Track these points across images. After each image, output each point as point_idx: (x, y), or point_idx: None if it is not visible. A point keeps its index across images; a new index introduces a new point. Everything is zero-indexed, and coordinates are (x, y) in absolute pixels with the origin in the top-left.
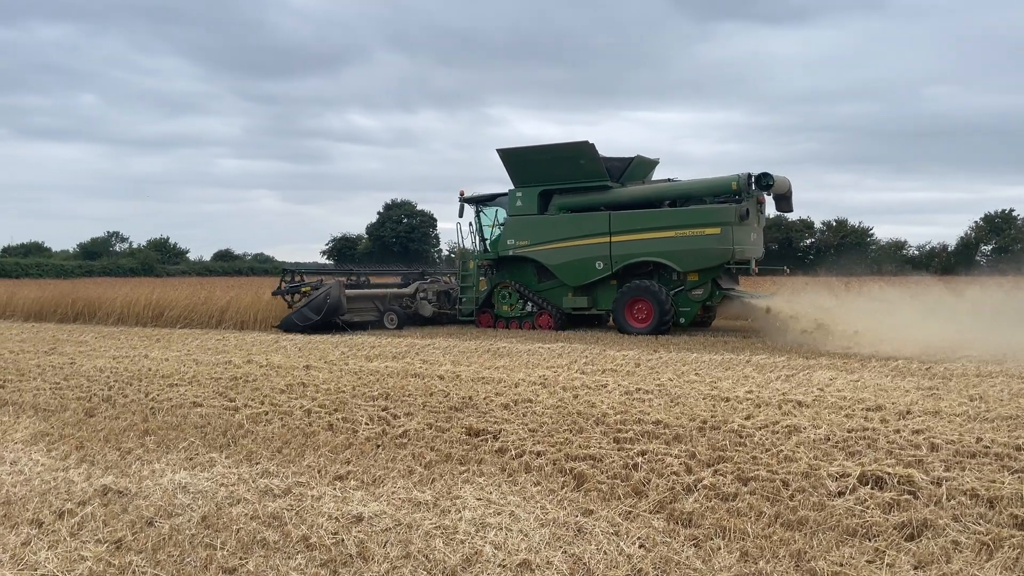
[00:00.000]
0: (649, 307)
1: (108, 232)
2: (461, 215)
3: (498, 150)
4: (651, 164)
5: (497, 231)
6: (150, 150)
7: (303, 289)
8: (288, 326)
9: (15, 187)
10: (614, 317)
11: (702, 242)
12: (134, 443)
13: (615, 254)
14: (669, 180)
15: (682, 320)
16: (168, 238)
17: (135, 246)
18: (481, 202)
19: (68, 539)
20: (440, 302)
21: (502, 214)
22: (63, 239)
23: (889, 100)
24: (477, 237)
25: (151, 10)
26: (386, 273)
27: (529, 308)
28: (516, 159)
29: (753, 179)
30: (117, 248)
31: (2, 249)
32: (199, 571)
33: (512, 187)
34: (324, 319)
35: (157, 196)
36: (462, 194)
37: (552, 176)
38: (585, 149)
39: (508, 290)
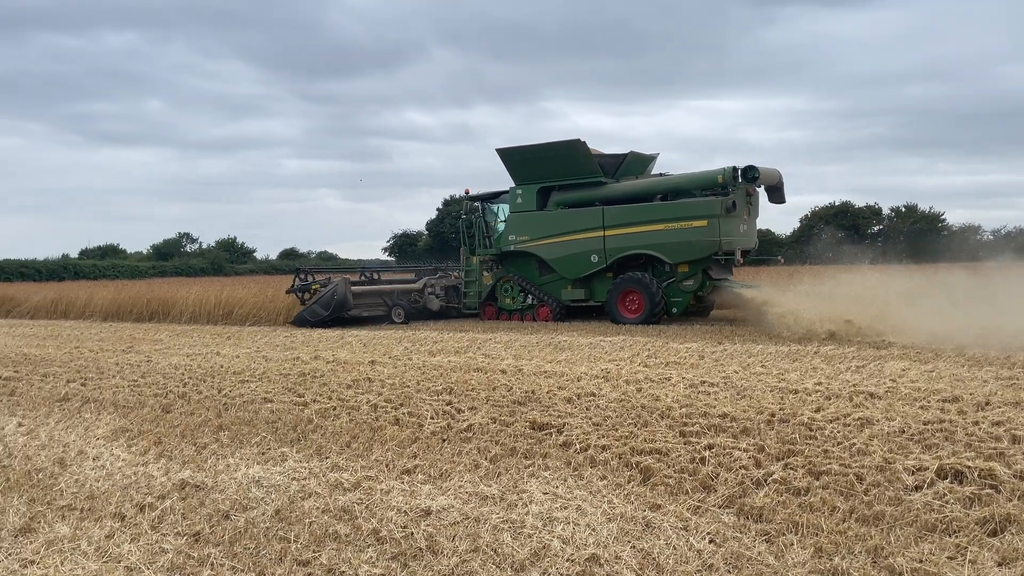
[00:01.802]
0: (640, 298)
1: (179, 233)
2: (465, 213)
3: (497, 149)
4: (647, 159)
5: (502, 227)
6: (216, 152)
7: (313, 287)
8: (300, 322)
9: (90, 192)
10: (607, 308)
11: (690, 234)
12: (209, 438)
13: (609, 247)
14: (661, 175)
15: (674, 310)
16: (236, 238)
17: (205, 246)
18: (486, 200)
19: (149, 532)
20: (448, 296)
21: (505, 211)
22: (137, 241)
23: (959, 80)
24: (483, 233)
25: (213, 15)
26: (404, 270)
27: (530, 301)
28: (515, 158)
29: (739, 172)
30: (188, 249)
31: (80, 252)
32: (274, 564)
33: (513, 185)
34: (332, 315)
35: (224, 198)
36: (467, 192)
37: (549, 173)
38: (577, 146)
39: (510, 284)
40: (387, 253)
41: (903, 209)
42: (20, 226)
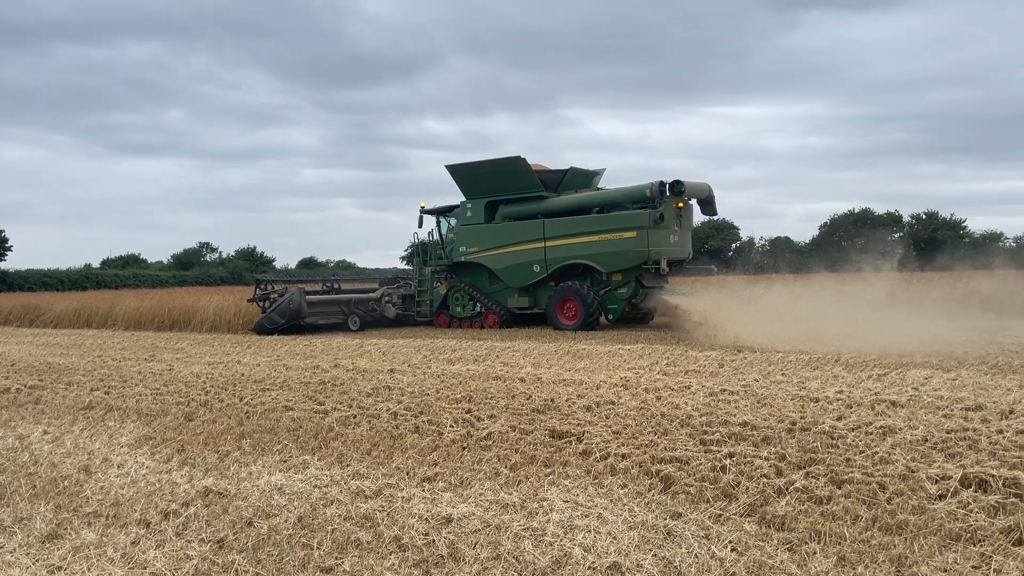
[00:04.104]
0: (576, 305)
1: (199, 243)
2: (420, 225)
3: (447, 166)
4: (591, 174)
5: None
6: (236, 162)
7: (271, 296)
8: (260, 329)
9: (112, 202)
10: (547, 314)
11: (621, 245)
12: (231, 446)
13: (549, 257)
14: (599, 189)
15: (610, 317)
16: (255, 247)
17: (225, 256)
18: (441, 213)
19: (174, 539)
20: (406, 305)
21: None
22: (158, 250)
23: (984, 85)
24: (437, 245)
25: (234, 25)
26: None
27: (478, 309)
28: (463, 173)
29: (667, 186)
30: (208, 258)
31: (102, 262)
32: (297, 570)
33: (464, 199)
34: (288, 322)
35: (243, 207)
36: (423, 207)
37: (494, 188)
38: (517, 163)
39: (461, 293)
40: (405, 262)
41: (923, 216)
42: (43, 236)
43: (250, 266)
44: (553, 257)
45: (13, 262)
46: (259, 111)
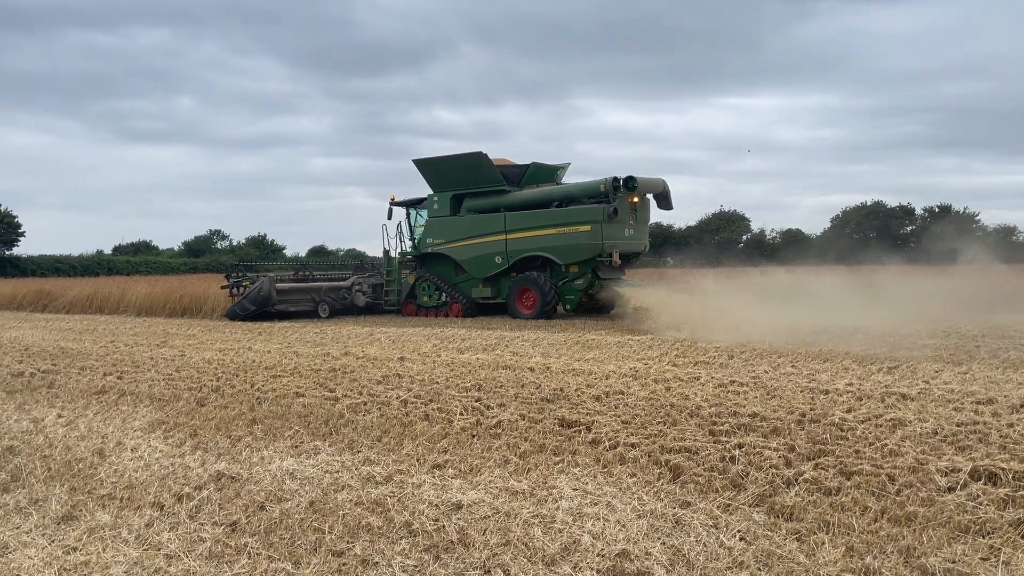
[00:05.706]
0: (534, 295)
1: (210, 230)
2: (389, 217)
3: (414, 160)
4: (554, 169)
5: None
6: (246, 150)
7: (243, 284)
8: (232, 316)
9: (123, 189)
10: (507, 304)
11: (576, 238)
12: (243, 431)
13: (510, 250)
14: (560, 184)
15: (567, 307)
16: (265, 235)
17: (235, 243)
18: (410, 205)
19: (187, 521)
20: (376, 294)
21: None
22: (169, 237)
23: (999, 77)
24: (407, 236)
25: (244, 12)
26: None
27: (444, 298)
28: (429, 168)
29: (621, 181)
30: (219, 245)
31: (113, 248)
32: (309, 554)
33: (431, 192)
34: (258, 309)
35: (254, 195)
36: (392, 199)
37: (459, 182)
38: (479, 158)
39: (427, 283)
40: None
41: (936, 209)
42: (54, 222)
43: (260, 254)
44: (514, 249)
45: (25, 248)
46: (269, 99)
